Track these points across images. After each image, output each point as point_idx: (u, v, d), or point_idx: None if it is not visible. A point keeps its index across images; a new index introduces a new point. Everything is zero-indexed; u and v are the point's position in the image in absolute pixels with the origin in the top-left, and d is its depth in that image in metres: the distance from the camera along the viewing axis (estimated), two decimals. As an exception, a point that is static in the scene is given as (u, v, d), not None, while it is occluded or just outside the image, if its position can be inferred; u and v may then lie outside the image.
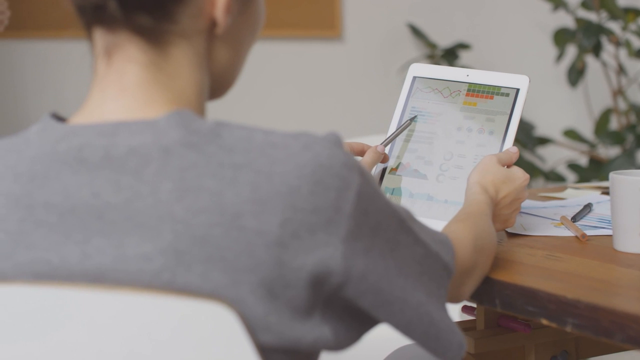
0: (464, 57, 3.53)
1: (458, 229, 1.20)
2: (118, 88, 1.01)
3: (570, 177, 3.48)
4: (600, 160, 3.36)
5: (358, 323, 1.02)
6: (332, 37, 3.52)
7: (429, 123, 1.51)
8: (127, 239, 0.93)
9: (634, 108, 3.32)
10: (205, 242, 0.92)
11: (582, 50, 3.23)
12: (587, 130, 3.52)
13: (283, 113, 3.53)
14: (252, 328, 0.92)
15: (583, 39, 3.19)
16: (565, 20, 3.41)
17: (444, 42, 3.51)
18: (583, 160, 3.53)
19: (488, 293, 1.25)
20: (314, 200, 0.94)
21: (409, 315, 1.03)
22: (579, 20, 3.24)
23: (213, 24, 1.04)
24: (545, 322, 1.18)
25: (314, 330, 0.95)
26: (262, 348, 0.93)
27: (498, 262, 1.31)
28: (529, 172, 3.31)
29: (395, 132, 1.50)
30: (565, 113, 3.60)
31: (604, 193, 1.79)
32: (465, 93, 1.51)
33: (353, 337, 1.02)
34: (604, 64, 3.31)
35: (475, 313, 1.53)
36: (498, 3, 3.61)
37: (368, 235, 0.98)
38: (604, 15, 3.25)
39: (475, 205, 1.30)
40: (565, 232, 1.49)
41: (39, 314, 0.91)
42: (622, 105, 3.41)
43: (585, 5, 3.25)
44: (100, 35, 1.02)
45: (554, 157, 3.55)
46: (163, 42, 1.02)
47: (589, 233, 1.47)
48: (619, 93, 3.33)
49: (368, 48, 3.55)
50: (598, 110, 3.47)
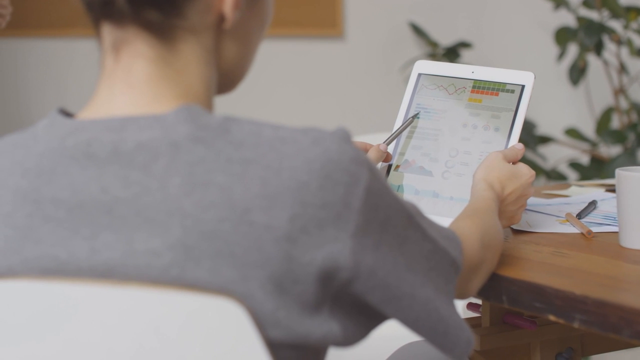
0: (466, 55, 3.52)
1: (465, 225, 1.19)
2: (126, 83, 1.01)
3: (572, 175, 3.48)
4: (602, 159, 3.36)
5: (366, 319, 1.01)
6: (333, 35, 3.51)
7: (434, 120, 1.51)
8: (135, 234, 0.92)
9: (636, 107, 3.31)
10: (214, 237, 0.91)
11: (583, 49, 3.23)
12: (588, 129, 3.51)
13: (285, 112, 3.52)
14: (261, 323, 0.92)
15: (584, 38, 3.18)
16: (567, 19, 3.41)
17: (446, 40, 3.50)
18: (584, 159, 3.53)
19: (495, 289, 1.25)
20: (323, 196, 0.94)
21: (418, 311, 1.03)
22: (581, 19, 3.24)
23: (221, 19, 1.04)
24: (553, 318, 1.17)
25: (323, 326, 0.95)
26: (270, 343, 0.92)
27: (504, 258, 1.31)
28: (531, 170, 3.31)
29: (398, 129, 1.50)
30: (567, 112, 3.60)
31: (608, 190, 1.79)
32: (471, 90, 1.51)
33: (361, 332, 1.01)
34: (606, 63, 3.31)
35: (481, 310, 1.53)
36: (499, 2, 3.61)
37: (377, 231, 0.98)
38: (606, 14, 3.25)
39: (482, 202, 1.30)
40: (571, 229, 1.49)
41: (47, 310, 0.91)
42: (623, 104, 3.41)
43: (587, 4, 3.25)
44: (108, 31, 1.02)
45: (556, 155, 3.55)
46: (171, 37, 1.01)
47: (595, 230, 1.47)
48: (621, 92, 3.33)
49: (369, 47, 3.55)
50: (599, 109, 3.47)
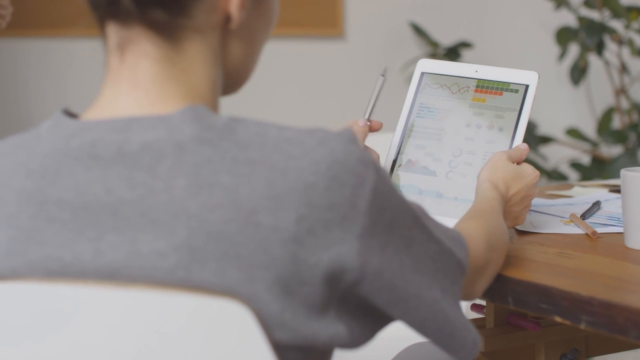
0: (466, 55, 3.52)
1: (470, 226, 1.19)
2: (131, 83, 1.00)
3: (573, 176, 3.48)
4: (603, 159, 3.35)
5: (372, 320, 1.01)
6: (334, 35, 3.51)
7: (438, 119, 1.50)
8: (140, 236, 0.92)
9: (637, 107, 3.31)
10: (220, 238, 0.91)
11: (584, 49, 3.23)
12: (589, 129, 3.51)
13: (285, 112, 3.52)
14: (267, 325, 0.91)
15: (585, 38, 3.18)
16: (568, 19, 3.41)
17: (446, 40, 3.50)
18: (585, 159, 3.52)
19: (501, 290, 1.25)
20: (330, 197, 0.93)
21: (424, 313, 1.02)
22: (582, 19, 3.23)
23: (227, 19, 1.03)
24: (559, 319, 1.17)
25: (329, 328, 0.95)
26: (277, 345, 0.92)
27: (510, 259, 1.30)
28: (532, 171, 3.30)
29: (372, 98, 1.51)
30: (568, 112, 3.60)
31: (612, 191, 1.79)
32: (474, 89, 1.51)
33: (367, 334, 1.01)
34: (607, 63, 3.31)
35: (485, 311, 1.53)
36: (500, 2, 3.61)
37: (383, 232, 0.97)
38: (607, 14, 3.24)
39: (487, 202, 1.29)
40: (575, 229, 1.49)
41: (52, 311, 0.91)
42: (624, 104, 3.41)
43: (588, 4, 3.24)
44: (114, 30, 1.01)
45: (556, 156, 3.54)
46: (177, 37, 1.01)
47: (599, 230, 1.46)
48: (622, 92, 3.33)
49: (370, 47, 3.54)
50: (600, 109, 3.47)
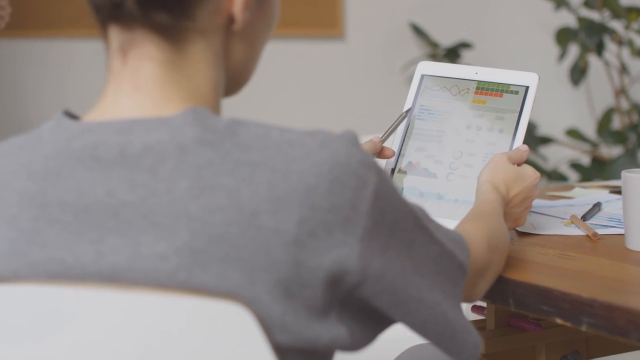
0: (466, 56, 3.52)
1: (471, 228, 1.19)
2: (133, 86, 1.00)
3: (573, 176, 3.48)
4: (603, 160, 3.35)
5: (374, 323, 1.01)
6: (333, 36, 3.51)
7: (438, 121, 1.50)
8: (142, 238, 0.92)
9: (637, 107, 3.31)
10: (222, 240, 0.91)
11: (584, 50, 3.23)
12: (589, 130, 3.51)
13: (284, 112, 3.52)
14: (268, 328, 0.91)
15: (585, 38, 3.18)
16: (568, 20, 3.41)
17: (446, 41, 3.50)
18: (585, 160, 3.52)
19: (502, 292, 1.24)
20: (331, 199, 0.93)
21: (425, 315, 1.02)
22: (582, 20, 3.23)
23: (230, 21, 1.03)
24: (560, 321, 1.17)
25: (330, 330, 0.95)
26: (278, 348, 0.92)
27: (510, 261, 1.30)
28: (532, 171, 3.30)
29: (392, 125, 1.50)
30: (568, 112, 3.60)
31: (612, 192, 1.79)
32: (474, 91, 1.51)
33: (369, 336, 1.01)
34: (607, 63, 3.31)
35: (485, 312, 1.53)
36: (500, 2, 3.61)
37: (385, 234, 0.97)
38: (607, 14, 3.24)
39: (487, 204, 1.29)
40: (576, 231, 1.49)
41: (53, 314, 0.91)
42: (624, 105, 3.41)
43: (588, 4, 3.24)
44: (116, 33, 1.01)
45: (556, 156, 3.54)
46: (180, 39, 1.01)
47: (600, 232, 1.46)
48: (622, 92, 3.33)
49: (370, 47, 3.54)
50: (600, 110, 3.47)
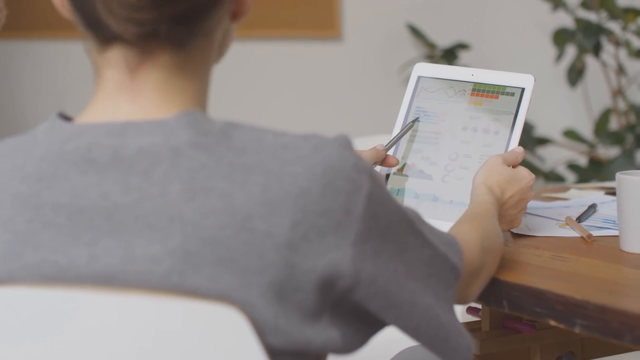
0: (464, 57, 3.52)
1: (465, 230, 1.19)
2: (135, 92, 0.99)
3: (570, 177, 3.48)
4: (600, 161, 3.35)
5: (366, 326, 1.01)
6: (331, 37, 3.51)
7: (434, 123, 1.50)
8: (135, 240, 0.92)
9: (634, 108, 3.31)
10: (215, 243, 0.91)
11: (581, 51, 3.23)
12: (586, 131, 3.51)
13: (282, 114, 3.52)
14: (261, 330, 0.91)
15: (583, 39, 3.18)
16: (565, 20, 3.41)
17: (444, 42, 3.50)
18: (582, 161, 3.53)
19: (495, 294, 1.25)
20: (324, 203, 0.93)
21: (418, 318, 1.02)
22: (579, 20, 3.24)
23: (234, 15, 1.03)
24: (554, 323, 1.17)
25: (323, 333, 0.95)
26: (271, 350, 0.92)
27: (505, 263, 1.31)
28: (529, 172, 3.30)
29: (398, 134, 1.49)
30: (565, 113, 3.60)
31: (608, 193, 1.79)
32: (470, 93, 1.51)
33: (361, 339, 1.01)
34: (604, 64, 3.31)
35: (480, 314, 1.53)
36: (497, 3, 3.61)
37: (377, 239, 0.97)
38: (604, 15, 3.25)
39: (482, 206, 1.29)
40: (571, 232, 1.49)
41: (47, 316, 0.91)
42: (621, 106, 3.41)
43: (585, 5, 3.25)
44: (121, 50, 0.99)
45: (554, 157, 3.55)
46: (192, 45, 1.01)
47: (595, 234, 1.46)
48: (619, 93, 3.33)
49: (367, 48, 3.55)
50: (598, 111, 3.47)
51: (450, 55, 3.41)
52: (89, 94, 1.03)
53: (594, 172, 3.32)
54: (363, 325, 1.00)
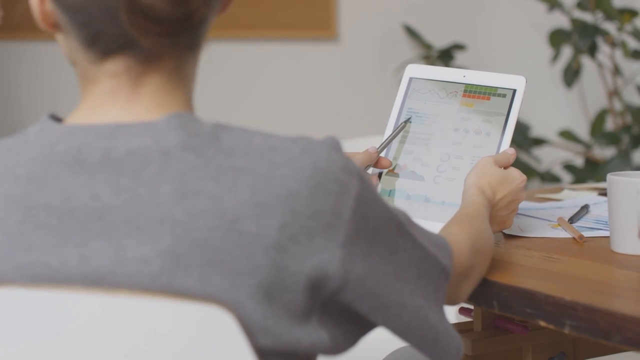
0: (460, 57, 3.52)
1: (455, 231, 1.19)
2: (133, 96, 0.99)
3: (566, 177, 3.48)
4: (596, 161, 3.36)
5: (355, 327, 1.01)
6: (327, 37, 3.52)
7: (426, 124, 1.51)
8: (126, 242, 0.92)
9: (630, 109, 3.32)
10: (204, 245, 0.91)
11: (577, 51, 3.24)
12: (582, 131, 3.52)
13: (278, 114, 3.52)
14: (250, 331, 0.92)
15: (579, 40, 3.19)
16: (561, 21, 3.41)
17: (440, 42, 3.51)
18: (579, 161, 3.53)
19: (486, 295, 1.25)
20: (313, 205, 0.94)
21: (407, 319, 1.03)
22: (575, 21, 3.24)
23: (220, 12, 1.04)
24: (543, 323, 1.18)
25: (312, 334, 0.95)
26: (260, 351, 0.92)
27: (496, 263, 1.31)
28: (525, 173, 3.29)
29: (390, 136, 1.50)
30: (561, 114, 3.60)
31: (601, 194, 1.79)
32: (462, 94, 1.51)
33: (350, 341, 1.01)
34: (600, 65, 3.31)
35: (473, 315, 1.53)
36: (494, 4, 3.61)
37: (366, 240, 0.98)
38: (600, 16, 3.25)
39: (473, 207, 1.30)
40: (563, 233, 1.49)
41: (38, 317, 0.91)
42: (617, 106, 3.41)
43: (581, 6, 3.25)
44: (124, 59, 0.99)
45: (550, 157, 3.55)
46: (197, 46, 1.02)
47: (586, 234, 1.47)
48: (615, 94, 3.33)
49: (364, 49, 3.55)
50: (594, 111, 3.48)
51: (447, 56, 3.41)
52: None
53: (590, 172, 3.32)
54: (352, 326, 1.01)
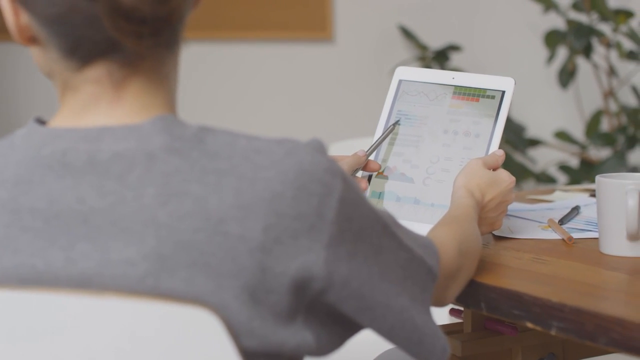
0: (455, 58, 3.53)
1: (443, 233, 1.20)
2: (116, 99, 1.00)
3: (561, 178, 3.49)
4: (591, 162, 3.36)
5: (341, 328, 1.02)
6: (323, 39, 3.52)
7: (415, 126, 1.51)
8: (111, 244, 0.93)
9: (625, 109, 3.32)
10: (189, 247, 0.92)
11: (573, 52, 3.24)
12: (578, 132, 3.52)
13: (274, 115, 3.53)
14: (235, 333, 0.92)
15: (574, 41, 3.19)
16: (556, 22, 3.42)
17: (435, 43, 3.51)
18: (574, 162, 3.53)
19: (474, 296, 1.26)
20: (297, 206, 0.94)
21: (392, 321, 1.03)
22: (570, 22, 3.24)
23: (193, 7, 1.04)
24: (530, 325, 1.18)
25: (297, 335, 0.96)
26: (245, 352, 0.93)
27: (484, 265, 1.31)
28: (520, 174, 3.32)
29: (379, 138, 1.50)
30: (556, 114, 3.61)
31: (592, 195, 1.79)
32: (451, 96, 1.51)
33: (336, 342, 1.02)
34: (595, 66, 3.32)
35: (462, 316, 1.54)
36: (489, 5, 3.62)
37: (351, 241, 0.98)
38: (595, 17, 3.26)
39: (461, 209, 1.30)
40: (552, 235, 1.50)
41: (24, 319, 0.92)
42: (612, 107, 3.42)
43: (576, 7, 3.25)
44: (107, 64, 0.99)
45: (545, 158, 3.55)
46: (176, 45, 1.02)
47: (576, 236, 1.47)
48: (610, 94, 3.34)
49: (359, 50, 3.56)
50: (589, 112, 3.48)
51: (442, 57, 3.42)
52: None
53: (586, 173, 3.33)
54: (337, 328, 1.01)
